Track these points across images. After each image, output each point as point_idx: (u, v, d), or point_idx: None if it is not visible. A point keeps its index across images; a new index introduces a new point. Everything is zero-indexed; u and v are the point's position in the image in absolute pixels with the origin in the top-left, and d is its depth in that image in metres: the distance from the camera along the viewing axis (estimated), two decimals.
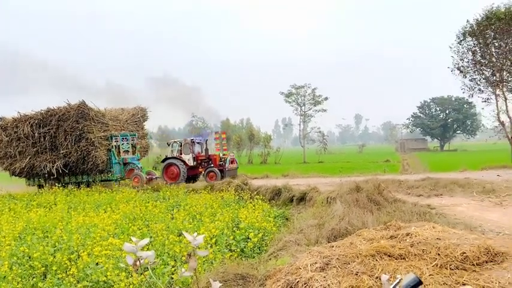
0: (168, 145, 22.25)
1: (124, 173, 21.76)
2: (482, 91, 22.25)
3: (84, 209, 13.71)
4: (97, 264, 6.61)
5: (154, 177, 21.93)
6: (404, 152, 63.37)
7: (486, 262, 3.33)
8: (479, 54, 21.84)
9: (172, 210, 13.49)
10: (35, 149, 21.72)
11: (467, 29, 21.71)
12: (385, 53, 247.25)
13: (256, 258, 7.57)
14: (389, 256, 3.63)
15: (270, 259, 6.60)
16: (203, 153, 21.74)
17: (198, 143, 22.30)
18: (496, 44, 21.31)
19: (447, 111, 68.69)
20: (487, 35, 21.18)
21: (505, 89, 21.68)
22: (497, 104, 21.76)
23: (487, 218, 7.77)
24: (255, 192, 16.05)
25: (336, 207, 8.17)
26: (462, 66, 22.21)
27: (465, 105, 63.95)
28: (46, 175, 21.74)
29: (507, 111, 21.70)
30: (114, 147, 21.46)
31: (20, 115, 22.57)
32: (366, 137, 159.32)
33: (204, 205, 13.49)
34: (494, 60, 21.60)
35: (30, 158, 21.78)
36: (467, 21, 21.76)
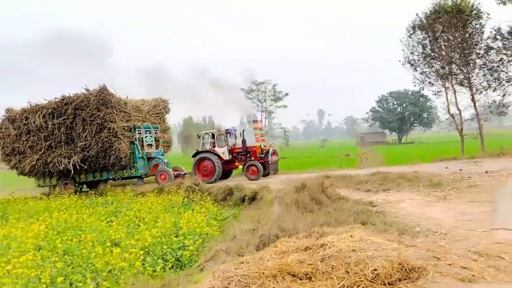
0: (199, 137, 19.84)
1: (148, 169, 19.61)
2: (433, 84, 22.55)
3: (20, 218, 12.56)
4: None
5: (182, 173, 19.90)
6: (365, 145, 64.59)
7: (399, 280, 2.84)
8: (429, 47, 22.11)
9: (112, 216, 12.65)
10: (47, 143, 19.39)
11: (416, 22, 21.92)
12: (346, 46, 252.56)
13: (186, 270, 6.93)
14: (293, 276, 3.08)
15: (195, 274, 5.97)
16: (239, 146, 19.14)
17: (233, 133, 19.81)
18: (445, 37, 21.62)
19: (404, 105, 70.71)
20: (436, 29, 21.44)
21: (454, 82, 22.04)
22: (446, 96, 22.15)
23: (428, 214, 7.48)
24: (207, 193, 15.44)
25: (273, 209, 7.64)
26: (413, 60, 22.44)
27: (421, 99, 65.96)
28: (61, 173, 19.42)
29: (456, 104, 22.12)
30: (137, 139, 19.26)
31: (31, 105, 20.22)
32: (329, 132, 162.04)
33: (149, 210, 12.70)
34: (444, 53, 21.92)
35: (42, 153, 19.37)
36: (417, 14, 21.97)
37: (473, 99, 21.61)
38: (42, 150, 19.38)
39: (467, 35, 21.22)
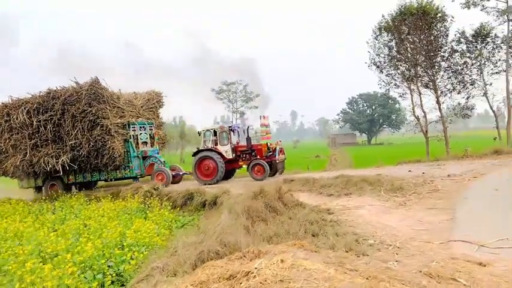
0: (199, 134, 18.34)
1: (144, 169, 18.18)
2: (398, 86, 22.57)
3: None
4: None
5: (181, 173, 18.95)
6: (335, 147, 65.03)
7: None
8: (395, 49, 22.08)
9: (58, 224, 11.71)
10: (32, 142, 17.83)
11: (382, 24, 21.84)
12: (317, 47, 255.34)
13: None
14: None
15: None
16: (243, 143, 17.63)
17: (236, 130, 18.20)
18: (411, 40, 21.63)
19: (373, 107, 71.79)
20: (402, 30, 21.42)
21: (419, 84, 22.12)
22: (412, 98, 22.19)
23: (385, 223, 7.05)
24: (166, 198, 14.66)
25: (222, 219, 7.01)
26: (379, 62, 22.36)
27: (390, 101, 67.08)
28: (47, 173, 17.92)
29: (421, 106, 22.19)
30: (132, 137, 17.79)
31: (12, 100, 18.55)
32: (302, 133, 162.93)
33: (99, 217, 11.82)
34: (409, 55, 21.94)
35: (26, 152, 17.78)
36: (383, 16, 21.90)
37: (438, 102, 21.71)
38: (27, 149, 17.80)
39: (432, 38, 21.31)
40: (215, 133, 17.58)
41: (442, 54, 21.96)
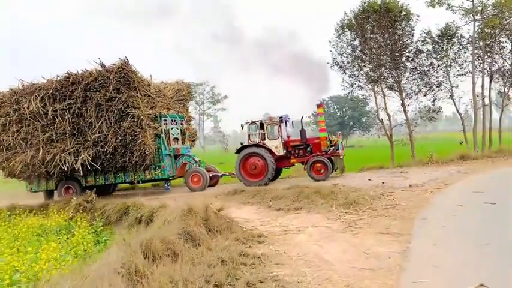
0: (242, 128, 15.74)
1: (175, 169, 15.49)
2: (362, 88, 21.40)
3: None
4: None
5: (219, 174, 16.28)
6: None
7: None
8: (359, 49, 20.91)
9: None
10: (46, 135, 14.93)
11: (345, 22, 20.60)
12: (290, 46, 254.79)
13: None
14: None
15: None
16: (296, 138, 15.38)
17: (286, 122, 15.61)
18: (375, 39, 20.52)
19: (344, 109, 71.21)
20: (365, 29, 20.27)
21: (383, 86, 21.04)
22: (375, 101, 21.07)
23: (322, 257, 5.54)
24: (99, 213, 12.82)
25: (110, 259, 5.30)
26: (342, 62, 21.11)
27: (360, 103, 66.67)
28: (62, 174, 15.07)
29: (386, 109, 21.12)
30: (163, 132, 15.06)
31: (24, 85, 15.59)
32: None
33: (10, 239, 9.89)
34: (373, 55, 20.83)
35: (39, 148, 14.91)
36: (345, 13, 20.64)
37: (403, 104, 20.68)
38: (39, 144, 15.01)
39: (396, 37, 20.25)
40: (262, 126, 15.09)
41: (408, 54, 20.94)
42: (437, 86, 21.25)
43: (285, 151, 14.85)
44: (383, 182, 12.17)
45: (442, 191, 10.11)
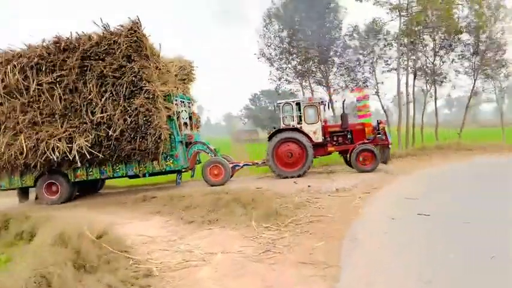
0: (274, 109, 13.94)
1: (187, 159, 12.88)
2: (290, 82, 20.55)
3: None
4: None
5: (241, 164, 13.83)
6: (240, 143, 63.11)
7: None
8: (287, 41, 19.95)
9: None
10: (27, 116, 11.63)
11: (272, 11, 19.51)
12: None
13: None
14: None
15: None
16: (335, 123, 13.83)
17: (324, 104, 13.92)
18: (302, 30, 19.67)
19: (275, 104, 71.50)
20: (293, 20, 19.33)
21: (311, 81, 20.37)
22: (304, 96, 20.31)
23: None
24: None
25: None
26: (270, 54, 20.03)
27: (289, 98, 67.19)
28: (45, 167, 11.83)
29: None
30: (175, 114, 12.24)
31: (2, 53, 12.02)
32: (209, 129, 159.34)
33: None
34: (303, 50, 19.99)
35: (16, 133, 11.69)
36: (272, 1, 19.53)
37: (330, 100, 20.13)
38: (17, 128, 11.75)
39: (324, 30, 19.57)
40: (299, 107, 13.36)
41: (335, 49, 20.43)
42: (363, 82, 21.04)
43: (323, 138, 13.38)
44: (309, 186, 11.11)
45: (371, 197, 9.24)
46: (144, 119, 11.23)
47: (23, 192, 13.30)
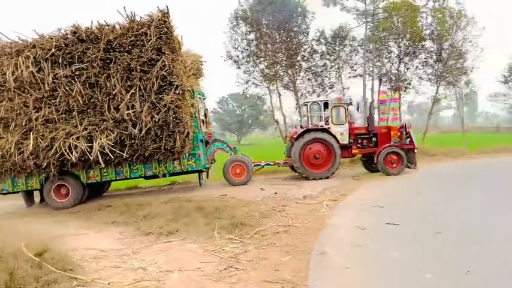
0: (301, 108, 13.90)
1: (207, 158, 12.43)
2: (257, 85, 20.21)
3: None
4: None
5: (262, 164, 13.57)
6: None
7: None
8: (254, 43, 19.60)
9: None
10: (41, 113, 10.64)
11: (239, 13, 19.10)
12: None
13: None
14: None
15: None
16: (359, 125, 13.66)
17: (353, 106, 13.80)
18: (270, 34, 19.39)
19: (243, 107, 70.87)
20: (261, 23, 19.01)
21: (279, 85, 20.12)
22: (271, 100, 20.07)
23: None
24: None
25: None
26: (237, 56, 19.60)
27: (258, 102, 66.94)
28: (55, 167, 10.83)
29: (281, 108, 20.27)
30: (197, 110, 11.88)
31: (11, 43, 10.99)
32: None
33: None
34: (270, 53, 19.71)
35: (26, 131, 10.68)
36: (239, 2, 19.14)
37: (298, 104, 19.95)
38: (28, 126, 10.72)
39: (292, 34, 19.39)
40: (326, 107, 13.20)
41: (303, 53, 20.30)
42: (330, 88, 21.04)
43: (349, 140, 13.37)
44: (275, 193, 10.76)
45: (338, 205, 8.97)
46: (174, 116, 10.56)
47: (28, 196, 12.32)
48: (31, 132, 10.74)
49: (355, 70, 21.48)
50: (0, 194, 12.03)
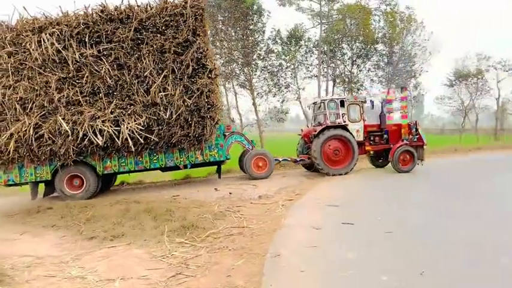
0: (314, 105, 14.17)
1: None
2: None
3: None
4: None
5: (280, 159, 13.58)
6: None
7: None
8: (210, 40, 19.14)
9: None
10: (64, 94, 9.77)
11: None
12: None
13: None
14: None
15: None
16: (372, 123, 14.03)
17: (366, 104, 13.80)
18: (225, 30, 19.04)
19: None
20: (216, 19, 18.61)
21: (235, 83, 19.82)
22: (227, 98, 19.73)
23: None
24: None
25: None
26: None
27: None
28: (68, 156, 9.95)
29: (237, 107, 19.96)
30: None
31: (34, 19, 10.05)
32: None
33: None
34: (226, 51, 19.34)
35: (45, 114, 9.74)
36: None
37: (254, 104, 19.75)
38: (49, 107, 9.84)
39: (248, 32, 19.15)
40: (342, 104, 13.21)
41: (259, 52, 20.12)
42: (285, 87, 21.03)
43: (363, 137, 13.57)
44: (230, 193, 10.42)
45: (294, 205, 8.80)
46: (206, 100, 10.05)
47: (35, 187, 11.05)
48: (52, 115, 9.87)
49: (310, 71, 21.66)
50: (4, 186, 10.90)
